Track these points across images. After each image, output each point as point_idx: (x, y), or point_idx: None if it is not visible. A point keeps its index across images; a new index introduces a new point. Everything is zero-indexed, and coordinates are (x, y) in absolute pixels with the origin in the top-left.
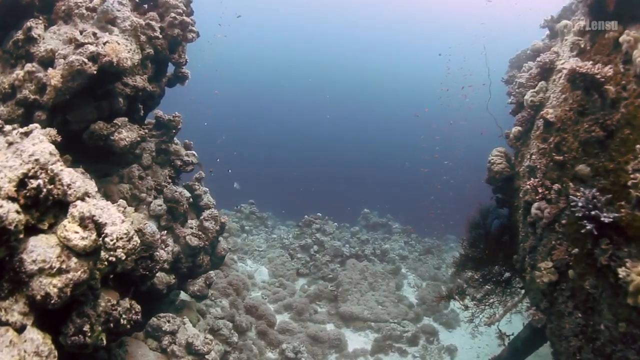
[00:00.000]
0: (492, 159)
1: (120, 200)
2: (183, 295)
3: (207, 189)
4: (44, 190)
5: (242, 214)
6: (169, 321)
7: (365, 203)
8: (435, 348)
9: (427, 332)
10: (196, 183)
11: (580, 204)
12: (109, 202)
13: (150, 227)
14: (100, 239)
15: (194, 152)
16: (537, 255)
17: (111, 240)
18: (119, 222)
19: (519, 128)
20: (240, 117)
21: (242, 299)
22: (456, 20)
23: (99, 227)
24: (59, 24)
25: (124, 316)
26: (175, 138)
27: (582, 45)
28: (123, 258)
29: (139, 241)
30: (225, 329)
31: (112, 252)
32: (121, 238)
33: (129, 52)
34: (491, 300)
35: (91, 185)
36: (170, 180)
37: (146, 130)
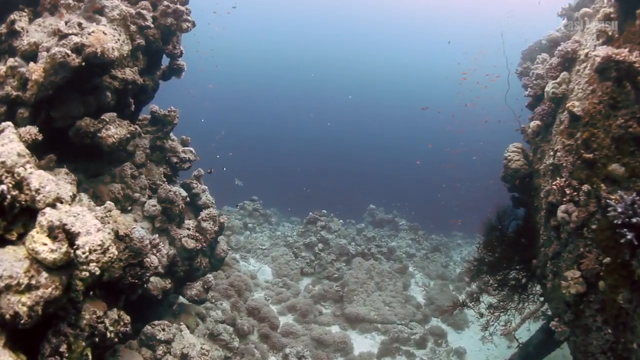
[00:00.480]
0: (509, 155)
1: (108, 202)
2: (182, 299)
3: (206, 187)
4: (8, 196)
5: (245, 210)
6: (163, 329)
7: (371, 199)
8: (443, 351)
9: (435, 334)
10: (194, 181)
11: (618, 210)
12: (84, 208)
13: (139, 231)
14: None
15: (191, 149)
16: (562, 262)
17: (83, 253)
18: (94, 231)
19: (538, 122)
20: (240, 112)
21: (244, 300)
22: (465, 13)
23: (71, 237)
24: (44, 16)
25: (111, 329)
26: (172, 134)
27: (610, 33)
28: (97, 273)
29: (115, 253)
30: (225, 333)
31: (84, 267)
32: (95, 250)
33: (116, 42)
34: (507, 307)
35: (65, 190)
36: (165, 179)
37: (137, 127)
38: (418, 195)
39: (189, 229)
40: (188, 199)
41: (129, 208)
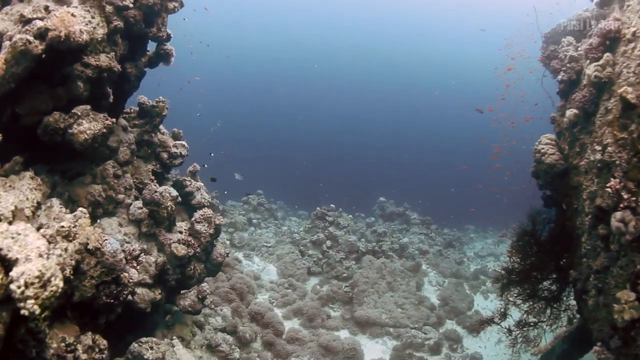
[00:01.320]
0: (542, 149)
1: (80, 209)
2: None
3: (202, 184)
4: None
5: (250, 205)
6: (152, 347)
7: (380, 191)
8: (459, 357)
9: (450, 339)
10: (187, 178)
11: None
12: (28, 226)
13: (111, 244)
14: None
15: (183, 143)
16: (610, 278)
17: (18, 287)
18: (35, 256)
19: (576, 111)
20: (238, 102)
21: (246, 304)
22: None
23: (8, 265)
24: (13, 3)
25: (84, 357)
26: (162, 127)
27: None
28: (37, 312)
29: (60, 285)
30: (224, 344)
31: (21, 304)
32: (32, 284)
33: (87, 24)
34: (537, 322)
35: (6, 203)
36: (154, 177)
37: (114, 120)
38: (429, 188)
39: (180, 232)
40: (180, 198)
41: (113, 211)
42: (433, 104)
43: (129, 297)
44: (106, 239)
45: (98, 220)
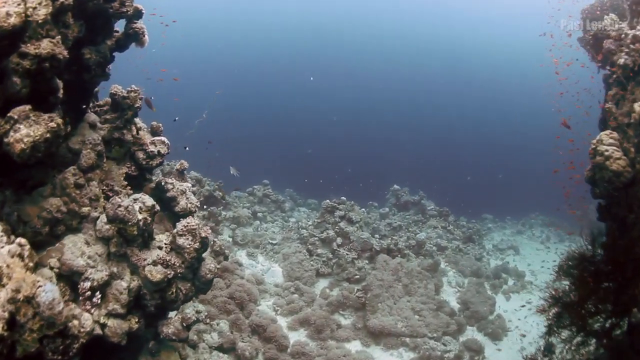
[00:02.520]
0: (606, 150)
1: (16, 241)
2: None
3: (188, 186)
4: None
5: (255, 197)
6: None
7: (394, 179)
8: None
9: (471, 349)
10: (170, 180)
11: None
12: None
13: (46, 293)
14: None
15: (163, 139)
16: None
17: None
18: None
19: None
20: (231, 88)
21: (247, 314)
22: None
23: None
24: None
25: None
26: (140, 121)
27: None
28: None
29: None
30: None
31: None
32: None
33: (18, 5)
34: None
35: None
36: (126, 183)
37: (60, 122)
38: (443, 174)
39: (160, 247)
40: (157, 208)
41: (78, 226)
42: (446, 88)
43: (98, 331)
44: (41, 287)
45: (62, 239)
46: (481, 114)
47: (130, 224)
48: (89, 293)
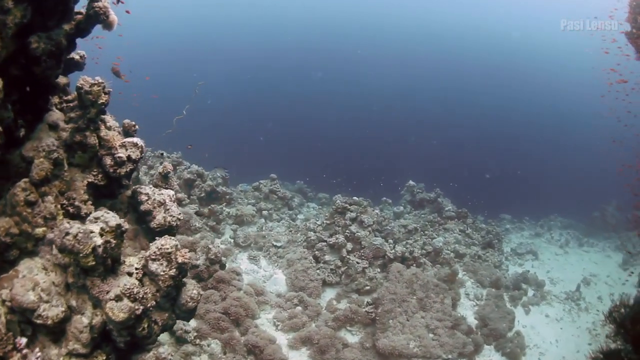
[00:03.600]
0: None
1: None
2: None
3: (170, 194)
4: None
5: (261, 192)
6: None
7: (409, 175)
8: None
9: None
10: (145, 190)
11: None
12: None
13: None
14: None
15: (135, 141)
16: None
17: None
18: None
19: None
20: (245, 78)
21: (243, 331)
22: None
23: None
24: None
25: None
26: (111, 119)
27: None
28: None
29: None
30: None
31: None
32: None
33: None
34: None
35: None
36: (86, 197)
37: None
38: (461, 172)
39: (130, 273)
40: (124, 227)
41: (34, 249)
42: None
43: None
44: None
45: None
46: (503, 111)
47: (82, 255)
48: (26, 350)
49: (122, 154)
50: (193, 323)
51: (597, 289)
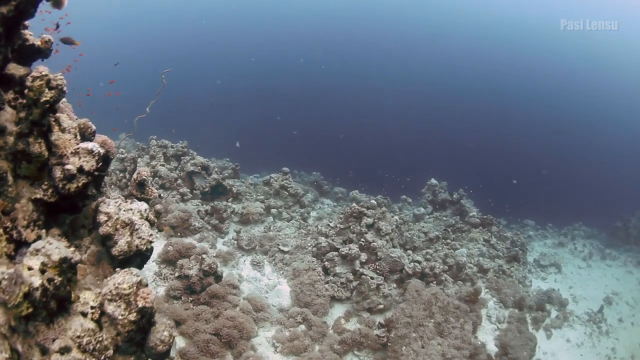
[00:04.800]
0: None
1: None
2: None
3: (145, 208)
4: None
5: (271, 188)
6: None
7: (431, 173)
8: None
9: None
10: (102, 208)
11: None
12: None
13: None
14: None
15: (91, 147)
16: None
17: None
18: None
19: None
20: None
21: (237, 354)
22: None
23: None
24: None
25: None
26: (67, 118)
27: None
28: None
29: None
30: None
31: None
32: None
33: None
34: None
35: None
36: (34, 217)
37: None
38: (486, 171)
39: (85, 314)
40: (76, 258)
41: None
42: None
43: None
44: None
45: None
46: (532, 110)
47: (11, 305)
48: None
49: (71, 165)
50: (180, 343)
51: (619, 309)
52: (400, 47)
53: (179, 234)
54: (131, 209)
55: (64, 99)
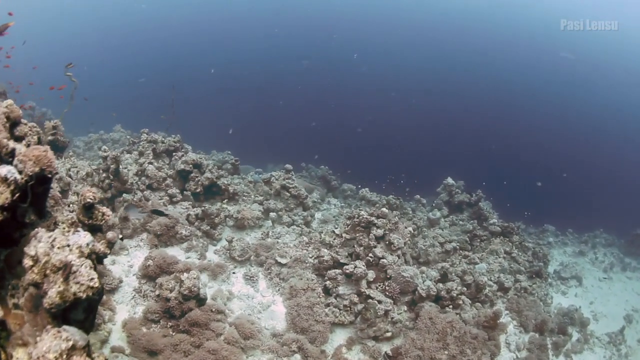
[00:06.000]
0: None
1: None
2: None
3: (83, 244)
4: None
5: (271, 187)
6: None
7: (448, 171)
8: None
9: None
10: (31, 246)
11: None
12: None
13: None
14: None
15: (7, 173)
16: None
17: None
18: None
19: None
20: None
21: None
22: None
23: None
24: None
25: None
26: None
27: None
28: None
29: None
30: None
31: None
32: None
33: None
34: None
35: None
36: None
37: None
38: (505, 171)
39: None
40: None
41: None
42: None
43: None
44: None
45: None
46: (558, 111)
47: None
48: None
49: None
50: None
51: (638, 328)
52: (401, 48)
53: (163, 243)
54: (68, 245)
55: None
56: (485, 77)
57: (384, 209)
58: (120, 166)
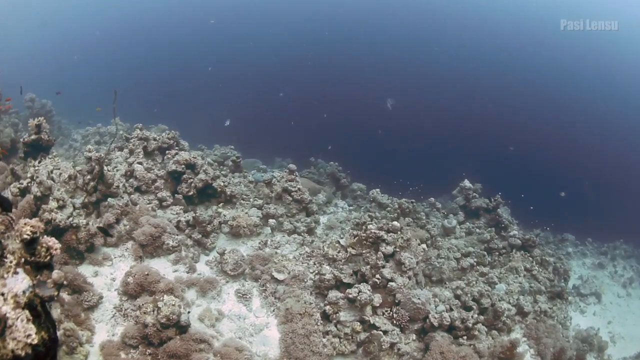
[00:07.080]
0: None
1: None
2: None
3: (20, 291)
4: None
5: (272, 190)
6: None
7: (465, 172)
8: None
9: None
10: None
11: None
12: None
13: None
14: None
15: None
16: None
17: None
18: None
19: None
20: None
21: None
22: None
23: None
24: None
25: None
26: None
27: None
28: None
29: None
30: None
31: None
32: None
33: None
34: None
35: None
36: None
37: None
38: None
39: None
40: None
41: None
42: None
43: None
44: None
45: None
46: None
47: None
48: None
49: None
50: None
51: None
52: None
53: (149, 254)
54: (2, 294)
55: None
56: (512, 78)
57: (395, 223)
58: (106, 168)
